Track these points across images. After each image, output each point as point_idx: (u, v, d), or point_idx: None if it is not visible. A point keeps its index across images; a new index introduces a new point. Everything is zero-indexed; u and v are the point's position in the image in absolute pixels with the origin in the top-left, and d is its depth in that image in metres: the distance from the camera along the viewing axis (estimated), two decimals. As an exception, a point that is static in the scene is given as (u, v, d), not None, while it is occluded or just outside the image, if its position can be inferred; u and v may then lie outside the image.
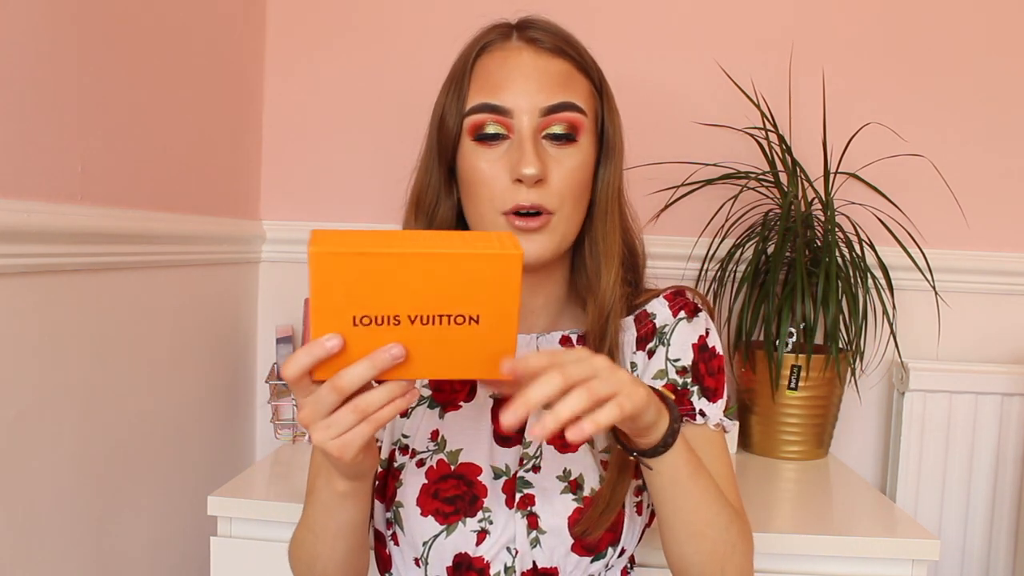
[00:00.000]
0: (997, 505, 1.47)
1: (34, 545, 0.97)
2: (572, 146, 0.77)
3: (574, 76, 0.79)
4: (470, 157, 0.78)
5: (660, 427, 0.67)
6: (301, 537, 0.80)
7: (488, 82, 0.77)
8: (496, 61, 0.78)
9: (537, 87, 0.76)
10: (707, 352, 0.85)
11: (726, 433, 0.85)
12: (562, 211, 0.77)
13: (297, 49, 1.57)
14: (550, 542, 0.78)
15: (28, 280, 0.94)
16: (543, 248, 0.77)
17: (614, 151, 0.82)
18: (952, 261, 1.50)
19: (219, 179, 1.42)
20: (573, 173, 0.77)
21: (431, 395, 0.85)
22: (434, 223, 0.83)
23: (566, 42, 0.80)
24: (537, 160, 0.74)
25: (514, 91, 0.76)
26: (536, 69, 0.77)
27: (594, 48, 0.84)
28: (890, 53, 1.52)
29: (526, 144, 0.75)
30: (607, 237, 0.81)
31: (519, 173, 0.74)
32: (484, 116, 0.76)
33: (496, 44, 0.79)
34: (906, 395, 1.46)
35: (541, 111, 0.76)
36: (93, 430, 1.08)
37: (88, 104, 1.04)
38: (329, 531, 0.75)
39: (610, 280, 0.80)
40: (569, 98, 0.77)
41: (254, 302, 1.59)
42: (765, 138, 1.44)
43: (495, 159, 0.77)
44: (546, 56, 0.78)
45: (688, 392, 0.84)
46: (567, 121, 0.77)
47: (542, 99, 0.76)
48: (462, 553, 0.79)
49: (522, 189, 0.75)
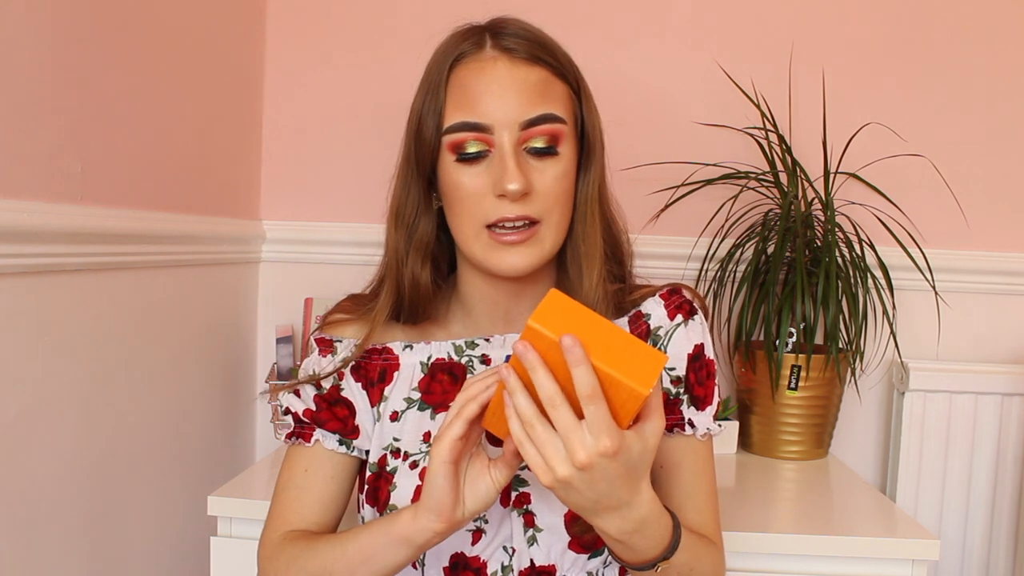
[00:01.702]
0: (997, 505, 1.47)
1: (34, 545, 0.97)
2: (553, 157, 0.77)
3: (551, 83, 0.78)
4: (452, 174, 0.77)
5: (654, 549, 0.68)
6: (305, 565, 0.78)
7: (465, 97, 0.76)
8: (472, 74, 0.77)
9: (516, 100, 0.75)
10: (699, 362, 0.85)
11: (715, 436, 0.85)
12: (549, 220, 0.77)
13: (297, 49, 1.57)
14: (547, 540, 0.78)
15: (28, 280, 0.94)
16: (531, 259, 0.77)
17: (595, 151, 0.82)
18: (952, 261, 1.50)
19: (219, 179, 1.42)
20: (557, 182, 0.77)
21: (420, 397, 0.85)
22: (414, 237, 0.82)
23: (541, 47, 0.78)
24: (520, 175, 0.74)
25: (492, 106, 0.75)
26: (513, 81, 0.76)
27: (593, 49, 0.83)
28: (890, 53, 1.52)
29: (508, 160, 0.74)
30: (588, 239, 0.81)
31: (503, 189, 0.74)
32: (464, 135, 0.76)
33: (470, 55, 0.78)
34: (906, 395, 1.46)
35: (520, 125, 0.75)
36: (93, 430, 1.08)
37: (88, 104, 1.04)
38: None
39: (592, 281, 0.80)
40: (548, 109, 0.76)
41: (254, 302, 1.59)
42: (765, 138, 1.44)
43: (477, 175, 0.76)
44: (522, 66, 0.76)
45: (679, 401, 0.84)
46: (547, 133, 0.76)
47: (521, 112, 0.75)
48: (458, 553, 0.79)
49: (506, 203, 0.75)
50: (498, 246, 0.76)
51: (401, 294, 0.84)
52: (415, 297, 0.83)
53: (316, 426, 0.86)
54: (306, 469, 0.85)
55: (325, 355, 0.88)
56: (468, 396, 0.66)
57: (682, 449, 0.83)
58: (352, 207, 1.58)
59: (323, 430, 0.85)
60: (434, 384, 0.85)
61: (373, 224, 1.54)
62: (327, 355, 0.88)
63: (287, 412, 0.87)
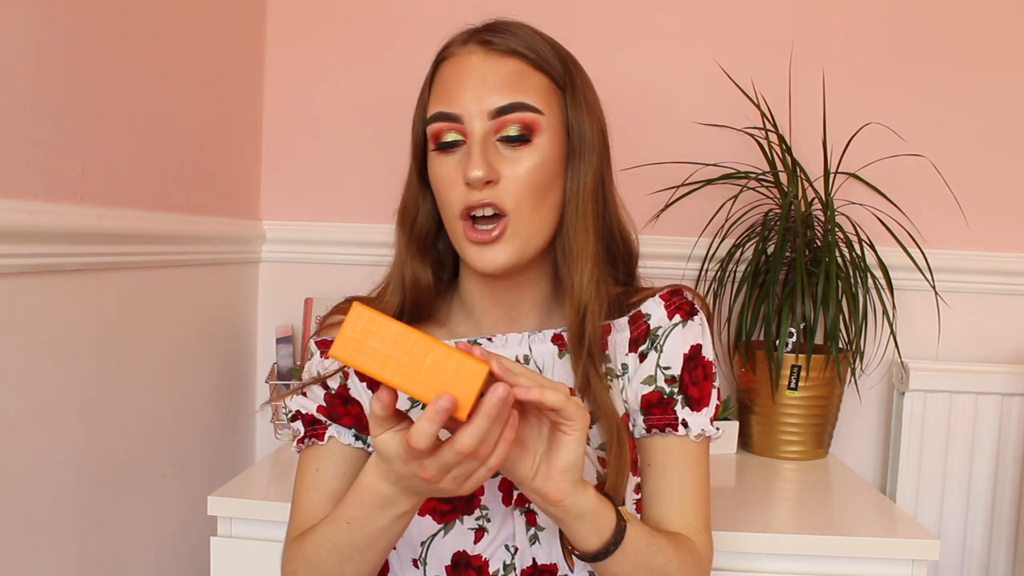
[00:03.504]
0: (997, 505, 1.47)
1: (34, 545, 0.97)
2: (527, 147, 0.76)
3: (527, 74, 0.77)
4: (433, 165, 0.79)
5: (608, 517, 0.69)
6: (311, 554, 0.76)
7: (443, 90, 0.78)
8: (451, 68, 0.79)
9: (485, 90, 0.76)
10: (694, 362, 0.84)
11: (713, 439, 0.85)
12: (519, 212, 0.76)
13: (297, 49, 1.57)
14: (549, 538, 0.78)
15: (28, 280, 0.94)
16: (506, 256, 0.76)
17: (584, 149, 0.80)
18: (952, 261, 1.50)
19: (219, 179, 1.42)
20: (529, 173, 0.76)
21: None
22: (414, 230, 0.84)
23: (520, 41, 0.78)
24: (483, 162, 0.74)
25: (464, 97, 0.76)
26: (485, 71, 0.77)
27: (593, 49, 0.83)
28: (890, 53, 1.52)
29: (474, 148, 0.75)
30: (576, 236, 0.79)
31: (467, 177, 0.75)
32: (441, 125, 0.77)
33: (452, 51, 0.80)
34: (906, 395, 1.46)
35: (490, 113, 0.75)
36: (93, 430, 1.08)
37: (88, 104, 1.04)
38: (365, 545, 0.72)
39: (582, 280, 0.79)
40: (519, 98, 0.76)
41: (254, 302, 1.59)
42: (765, 138, 1.44)
43: (452, 165, 0.77)
44: (496, 57, 0.77)
45: (674, 401, 0.83)
46: (520, 122, 0.76)
47: (491, 101, 0.75)
48: (460, 551, 0.79)
49: (474, 192, 0.75)
50: (474, 243, 0.77)
51: (404, 293, 0.84)
52: (416, 295, 0.83)
53: (331, 421, 0.85)
54: (317, 469, 0.84)
55: (326, 356, 0.88)
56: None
57: (671, 449, 0.83)
58: (352, 207, 1.58)
59: (338, 425, 0.84)
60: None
61: (373, 224, 1.55)
62: (329, 356, 0.87)
63: (295, 418, 0.86)
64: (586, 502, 0.67)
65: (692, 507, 0.82)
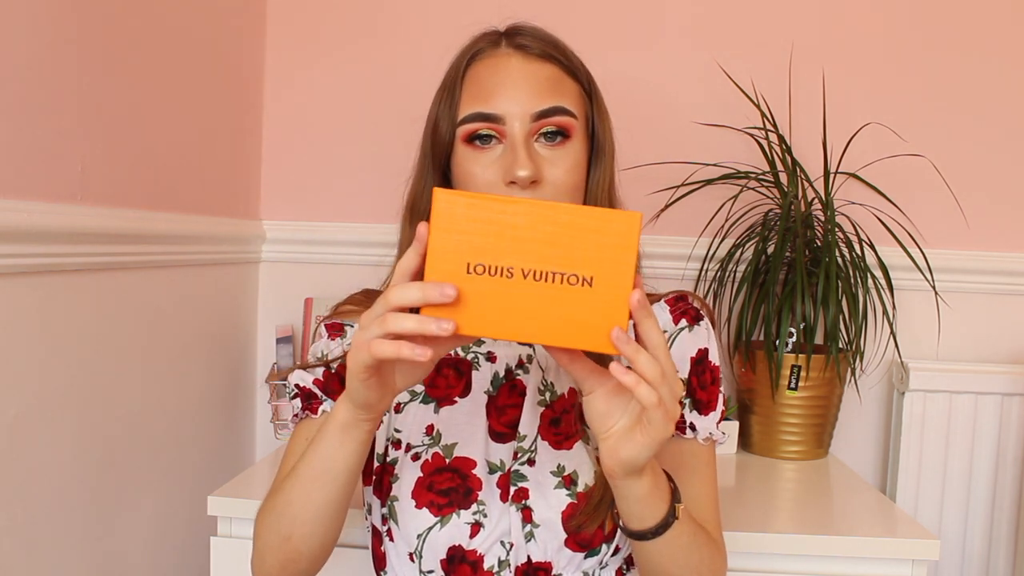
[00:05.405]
0: (997, 505, 1.47)
1: (34, 545, 0.98)
2: (564, 146, 0.78)
3: (563, 80, 0.80)
4: (464, 163, 0.79)
5: (658, 509, 0.70)
6: (271, 499, 0.77)
7: (479, 90, 0.78)
8: (487, 69, 0.79)
9: (527, 93, 0.77)
10: (701, 366, 0.86)
11: (718, 444, 0.86)
12: None
13: (297, 50, 1.57)
14: (544, 536, 0.79)
15: (28, 280, 0.94)
16: None
17: (604, 152, 0.83)
18: (952, 261, 1.50)
19: (219, 179, 1.42)
20: (568, 174, 0.78)
21: (424, 391, 0.86)
22: None
23: (554, 47, 0.81)
24: (530, 162, 0.75)
25: (505, 98, 0.77)
26: (525, 75, 0.78)
27: (593, 49, 0.84)
28: (890, 53, 1.52)
29: (519, 148, 0.76)
30: None
31: (513, 175, 0.75)
32: (477, 125, 0.77)
33: (486, 52, 0.81)
34: (906, 395, 1.46)
35: (532, 116, 0.77)
36: (93, 430, 1.08)
37: (88, 104, 1.04)
38: (314, 473, 0.72)
39: None
40: (559, 102, 0.78)
41: (254, 302, 1.59)
42: (765, 138, 1.44)
43: (488, 163, 0.78)
44: (535, 62, 0.79)
45: (682, 404, 0.84)
46: (559, 125, 0.78)
47: (532, 104, 0.77)
48: (456, 546, 0.79)
49: (516, 191, 0.76)
50: None
51: None
52: None
53: (325, 396, 0.86)
54: (307, 439, 0.83)
55: (335, 338, 0.89)
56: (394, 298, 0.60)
57: (682, 452, 0.84)
58: (352, 207, 1.58)
59: (332, 401, 0.85)
60: (439, 379, 0.86)
61: (374, 224, 1.55)
62: (336, 338, 0.88)
63: (296, 396, 0.87)
64: (638, 491, 0.68)
65: (704, 510, 0.83)
